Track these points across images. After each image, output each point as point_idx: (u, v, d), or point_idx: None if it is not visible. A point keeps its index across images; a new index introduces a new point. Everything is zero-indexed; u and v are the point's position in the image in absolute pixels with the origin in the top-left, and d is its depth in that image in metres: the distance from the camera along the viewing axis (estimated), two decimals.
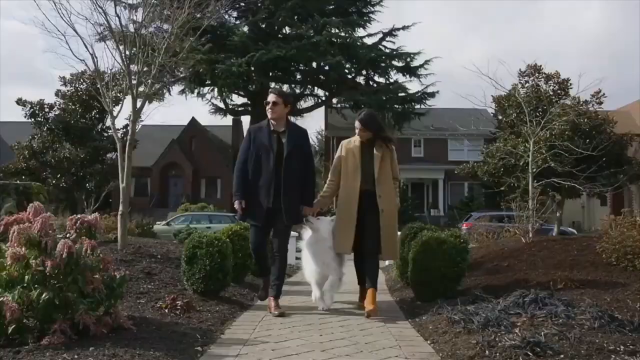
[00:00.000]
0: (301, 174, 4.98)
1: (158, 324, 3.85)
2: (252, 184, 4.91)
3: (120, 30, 7.08)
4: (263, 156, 4.90)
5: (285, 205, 4.82)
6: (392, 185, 5.03)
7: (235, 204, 4.98)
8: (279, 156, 4.89)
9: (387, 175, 4.99)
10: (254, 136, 5.02)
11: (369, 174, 4.93)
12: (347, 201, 4.94)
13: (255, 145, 4.96)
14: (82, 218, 3.69)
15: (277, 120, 4.99)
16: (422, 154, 38.25)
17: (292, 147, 4.92)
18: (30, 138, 18.21)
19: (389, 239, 4.90)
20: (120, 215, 6.58)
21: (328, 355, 3.26)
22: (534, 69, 14.99)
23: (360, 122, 5.03)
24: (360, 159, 4.97)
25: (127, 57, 6.95)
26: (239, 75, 23.84)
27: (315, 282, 5.04)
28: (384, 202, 4.89)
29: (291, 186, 4.87)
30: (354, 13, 28.04)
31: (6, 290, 3.21)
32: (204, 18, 8.68)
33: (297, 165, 4.93)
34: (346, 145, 5.12)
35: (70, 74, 18.09)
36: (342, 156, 5.08)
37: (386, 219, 4.86)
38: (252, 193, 4.90)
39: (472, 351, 3.23)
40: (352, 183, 4.94)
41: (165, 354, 3.10)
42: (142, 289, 5.01)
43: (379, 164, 4.93)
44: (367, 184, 4.92)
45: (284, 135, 4.96)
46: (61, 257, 3.27)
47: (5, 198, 6.87)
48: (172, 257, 6.50)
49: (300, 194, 4.97)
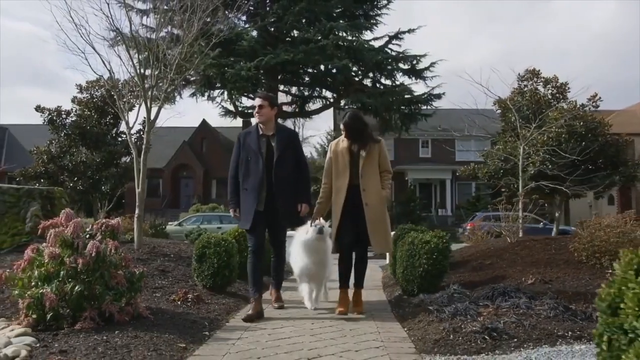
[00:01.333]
0: (294, 176, 5.02)
1: (172, 314, 4.44)
2: (243, 190, 4.98)
3: (132, 36, 7.61)
4: (252, 160, 4.94)
5: (281, 207, 4.91)
6: (378, 179, 5.09)
7: (230, 212, 5.18)
8: (269, 160, 4.94)
9: (373, 169, 5.06)
10: (243, 141, 5.07)
11: (357, 170, 5.02)
12: (338, 200, 5.03)
13: (244, 150, 5.02)
14: (106, 222, 4.30)
15: (265, 123, 5.04)
16: (429, 154, 38.70)
17: (282, 150, 4.98)
18: (49, 143, 19.00)
19: (377, 231, 4.96)
20: (137, 217, 7.17)
21: (315, 339, 3.84)
22: (533, 74, 15.45)
23: (345, 126, 5.12)
24: (349, 157, 5.06)
25: (140, 61, 7.49)
26: (247, 79, 24.36)
27: (308, 281, 5.15)
28: (368, 195, 4.97)
29: (284, 188, 4.92)
30: (361, 16, 28.46)
31: (45, 284, 3.80)
32: (215, 24, 9.22)
33: (289, 167, 4.99)
34: (335, 146, 5.20)
35: (85, 81, 18.89)
36: (332, 157, 5.16)
37: (371, 212, 4.95)
38: (242, 198, 4.98)
39: (439, 335, 3.79)
40: (341, 181, 5.04)
41: (178, 337, 3.69)
42: (158, 284, 5.60)
43: (364, 159, 5.02)
44: (355, 179, 5.02)
45: (273, 139, 5.02)
46: (90, 255, 3.87)
47: (31, 202, 7.46)
48: (184, 256, 7.07)
49: (294, 196, 5.02)
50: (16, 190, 7.43)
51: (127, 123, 7.50)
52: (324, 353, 3.43)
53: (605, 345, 1.62)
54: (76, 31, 6.99)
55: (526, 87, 15.34)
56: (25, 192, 7.40)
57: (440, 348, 3.54)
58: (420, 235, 5.73)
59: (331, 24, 25.53)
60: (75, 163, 17.93)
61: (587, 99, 15.08)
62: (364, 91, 27.12)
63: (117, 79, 8.59)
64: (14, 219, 7.08)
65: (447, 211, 37.09)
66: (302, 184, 5.14)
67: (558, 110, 14.02)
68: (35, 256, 3.96)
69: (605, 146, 14.45)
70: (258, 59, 24.21)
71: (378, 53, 26.70)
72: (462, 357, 3.35)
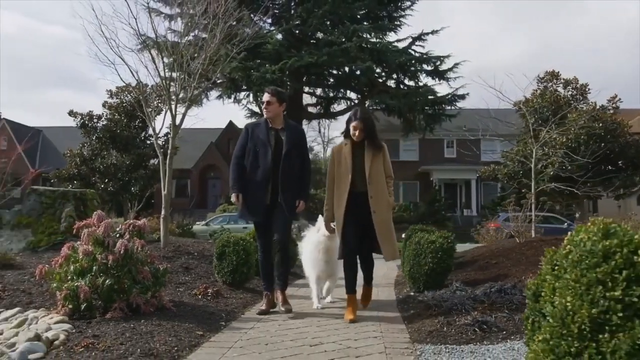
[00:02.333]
0: (298, 171, 5.05)
1: (193, 306, 4.87)
2: (249, 180, 4.97)
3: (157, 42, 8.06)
4: (260, 152, 4.94)
5: (286, 200, 4.92)
6: (385, 185, 4.97)
7: (232, 198, 5.08)
8: (278, 153, 4.94)
9: (379, 174, 4.93)
10: (251, 132, 5.06)
11: (361, 175, 4.89)
12: (339, 206, 4.91)
13: (252, 141, 5.00)
14: (133, 223, 4.75)
15: (273, 118, 5.05)
16: (454, 154, 38.68)
17: (291, 145, 4.98)
18: (81, 146, 19.85)
19: (387, 240, 4.86)
20: (163, 218, 7.65)
21: (320, 329, 4.22)
22: (552, 75, 15.57)
23: (362, 121, 4.93)
24: (351, 161, 4.92)
25: (165, 65, 7.94)
26: (272, 82, 24.83)
27: (317, 281, 5.27)
28: (375, 202, 4.84)
29: (289, 183, 4.94)
30: (385, 18, 28.69)
31: (79, 278, 4.26)
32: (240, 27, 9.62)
33: (296, 162, 5.01)
34: (337, 152, 5.09)
35: (115, 87, 19.69)
36: (335, 161, 5.04)
37: (380, 220, 4.83)
38: (249, 189, 4.97)
39: (433, 327, 4.13)
40: (344, 185, 4.90)
41: (197, 326, 4.11)
42: (181, 280, 6.05)
43: (370, 164, 4.89)
44: (359, 185, 4.89)
45: (282, 133, 5.02)
46: (119, 253, 4.32)
47: (66, 203, 7.99)
48: (207, 254, 7.51)
49: (297, 191, 5.04)
50: (52, 192, 7.98)
51: (153, 129, 8.00)
52: (326, 341, 3.81)
53: (529, 325, 1.96)
54: (106, 44, 7.49)
55: (545, 89, 15.43)
56: (60, 194, 7.94)
57: (432, 338, 3.88)
58: (426, 236, 6.07)
59: (354, 27, 25.83)
60: (106, 165, 18.75)
61: (607, 100, 15.14)
62: (387, 92, 27.35)
63: (145, 84, 9.10)
64: (50, 219, 7.62)
65: (472, 211, 37.02)
66: (304, 181, 5.14)
67: (577, 111, 14.11)
68: (71, 253, 4.43)
69: (625, 147, 14.49)
70: (282, 62, 24.65)
71: (401, 54, 26.90)
72: (451, 346, 3.68)
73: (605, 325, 1.60)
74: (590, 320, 1.62)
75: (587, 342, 1.62)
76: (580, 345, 1.63)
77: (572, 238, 1.84)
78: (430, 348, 3.64)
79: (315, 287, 5.30)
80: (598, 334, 1.61)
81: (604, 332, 1.60)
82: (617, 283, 1.61)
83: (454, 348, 3.62)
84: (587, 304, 1.63)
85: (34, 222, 7.58)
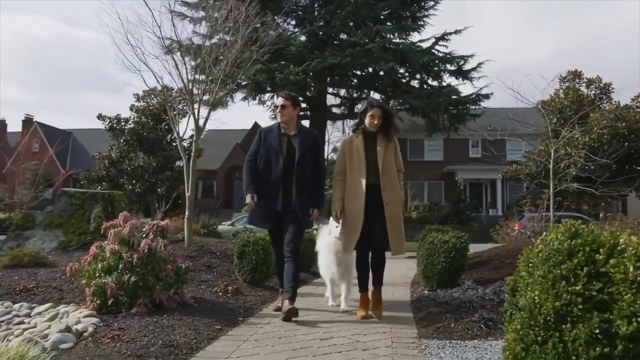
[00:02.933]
0: (311, 177, 4.98)
1: (213, 303, 5.12)
2: (260, 187, 4.93)
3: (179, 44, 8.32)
4: (272, 158, 4.92)
5: (299, 207, 4.87)
6: (397, 178, 4.93)
7: (247, 199, 4.99)
8: (290, 159, 4.90)
9: (391, 167, 4.90)
10: (264, 138, 5.04)
11: (374, 168, 4.83)
12: (354, 198, 4.81)
13: (265, 147, 4.98)
14: (157, 223, 5.02)
15: (287, 123, 5.00)
16: (479, 154, 38.46)
17: (303, 151, 4.93)
18: (109, 148, 20.45)
19: (395, 233, 4.78)
20: (186, 219, 7.94)
21: (332, 325, 4.43)
22: (575, 75, 15.50)
23: (380, 108, 4.93)
24: (364, 153, 4.87)
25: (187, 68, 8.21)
26: (296, 83, 25.08)
27: (332, 278, 5.31)
28: (388, 195, 4.79)
29: (302, 189, 4.89)
30: (408, 18, 28.72)
31: (107, 275, 4.55)
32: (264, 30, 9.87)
33: (308, 168, 4.94)
34: (348, 143, 5.02)
35: (142, 90, 20.23)
36: (346, 153, 4.96)
37: (391, 213, 4.78)
38: (261, 196, 4.92)
39: (441, 324, 4.31)
40: (358, 179, 4.82)
41: (215, 320, 4.36)
42: (203, 278, 6.31)
43: (383, 157, 4.86)
44: (372, 178, 4.82)
45: (295, 139, 4.97)
46: (143, 251, 4.59)
47: (95, 204, 8.35)
48: (229, 254, 7.75)
49: (310, 197, 4.97)
50: (81, 194, 8.34)
51: (177, 133, 8.30)
52: (336, 335, 4.02)
53: (507, 317, 2.14)
54: (132, 51, 7.81)
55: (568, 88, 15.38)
56: (89, 196, 8.30)
57: (439, 334, 4.06)
58: (439, 236, 6.22)
59: (377, 27, 25.91)
60: (134, 167, 19.28)
61: (631, 99, 15.02)
62: (411, 92, 27.35)
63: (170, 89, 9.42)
64: (80, 219, 7.98)
65: (497, 211, 36.79)
66: (317, 188, 5.06)
67: (600, 111, 14.05)
68: (98, 252, 4.72)
69: None
70: (306, 64, 24.87)
71: (425, 54, 26.87)
72: (456, 341, 3.86)
73: (567, 317, 1.77)
74: (555, 312, 1.79)
75: (552, 331, 1.79)
76: (546, 335, 1.81)
77: (545, 238, 2.02)
78: (435, 343, 3.82)
79: (330, 286, 5.41)
80: (561, 325, 1.78)
81: (566, 322, 1.77)
82: (579, 278, 1.78)
83: (457, 343, 3.80)
84: (552, 298, 1.81)
85: (65, 222, 7.95)
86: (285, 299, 4.70)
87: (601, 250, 1.81)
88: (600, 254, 1.81)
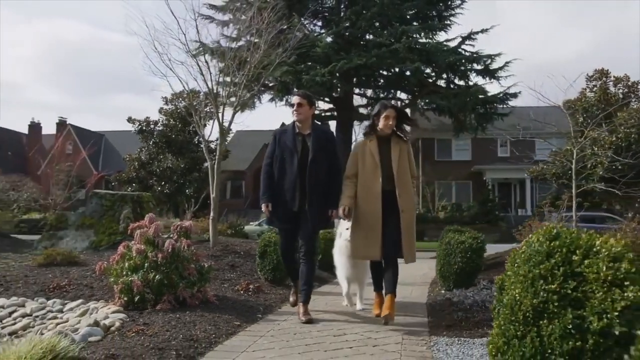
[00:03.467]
0: (327, 178, 4.91)
1: (234, 300, 5.34)
2: (277, 187, 4.93)
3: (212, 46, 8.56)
4: (287, 159, 4.90)
5: (311, 207, 4.81)
6: (411, 184, 4.85)
7: (262, 207, 5.01)
8: (304, 158, 4.86)
9: (406, 173, 4.81)
10: (279, 139, 5.01)
11: (388, 173, 4.74)
12: (369, 204, 4.72)
13: (280, 148, 4.96)
14: (181, 224, 5.27)
15: (302, 122, 4.96)
16: (508, 153, 38.08)
17: (317, 150, 4.88)
18: (139, 151, 21.01)
19: (409, 240, 4.69)
20: (211, 219, 8.19)
21: (347, 322, 4.62)
22: (602, 73, 15.35)
23: (394, 109, 4.94)
24: (379, 158, 4.78)
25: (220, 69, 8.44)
26: (322, 84, 25.24)
27: (347, 279, 5.27)
28: (403, 201, 4.68)
29: (317, 188, 4.83)
30: (435, 17, 28.64)
31: (133, 273, 4.80)
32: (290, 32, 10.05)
33: (323, 168, 4.88)
34: (361, 146, 4.94)
35: (170, 94, 20.72)
36: (359, 156, 4.87)
37: (407, 220, 4.67)
38: (277, 196, 4.92)
39: (452, 322, 4.45)
40: (372, 184, 4.73)
41: (235, 317, 4.58)
42: (227, 277, 6.54)
43: (397, 162, 4.77)
44: (386, 183, 4.72)
45: (309, 138, 4.93)
46: (168, 251, 4.83)
47: (124, 206, 8.68)
48: (253, 253, 7.93)
49: (325, 199, 4.87)
50: (111, 196, 8.68)
51: (202, 136, 8.57)
52: (349, 332, 4.20)
53: (495, 314, 2.28)
54: (159, 58, 8.10)
55: (595, 87, 15.22)
56: (119, 197, 8.64)
57: (449, 332, 4.20)
58: (456, 236, 6.34)
59: (403, 27, 25.88)
60: (163, 169, 19.76)
61: None
62: (438, 92, 27.28)
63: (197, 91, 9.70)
64: (110, 220, 8.31)
65: (527, 211, 36.40)
66: (334, 188, 4.90)
67: (627, 110, 13.89)
68: (126, 251, 4.98)
69: None
70: (332, 65, 25.01)
71: (451, 54, 26.72)
72: (464, 339, 3.99)
73: (544, 313, 1.91)
74: (533, 309, 1.93)
75: (530, 327, 1.93)
76: (525, 330, 1.95)
77: (528, 240, 2.16)
78: (444, 340, 3.96)
79: (345, 287, 5.34)
80: (539, 320, 1.92)
81: (543, 318, 1.91)
82: (555, 277, 1.92)
83: (466, 340, 3.93)
84: (531, 295, 1.95)
85: (96, 223, 8.30)
86: (300, 302, 4.78)
87: (578, 252, 1.95)
88: (576, 255, 1.94)
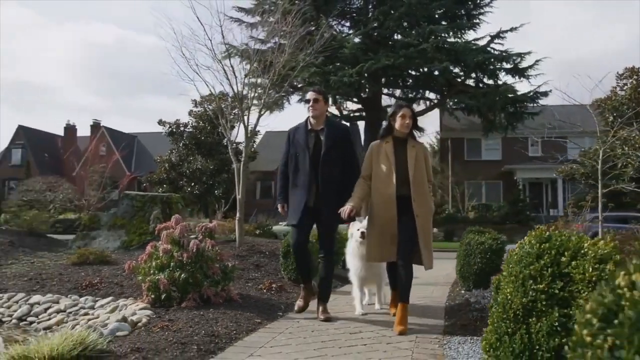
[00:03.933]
0: (341, 174, 4.86)
1: (257, 299, 5.53)
2: (292, 185, 4.97)
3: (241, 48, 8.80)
4: (300, 155, 4.89)
5: (326, 206, 4.77)
6: (427, 188, 4.75)
7: (278, 208, 5.09)
8: (317, 154, 4.82)
9: (422, 177, 4.68)
10: (292, 137, 5.03)
11: (403, 177, 4.60)
12: (384, 207, 4.59)
13: (293, 146, 4.98)
14: (205, 225, 5.48)
15: (317, 118, 4.93)
16: (539, 152, 37.55)
17: (330, 145, 4.83)
18: (169, 152, 21.48)
19: (426, 246, 4.54)
20: (237, 220, 8.42)
21: (364, 321, 4.75)
22: (632, 72, 15.11)
23: (410, 108, 4.82)
24: (394, 161, 4.65)
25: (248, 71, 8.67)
26: (350, 85, 25.35)
27: (359, 282, 5.15)
28: (419, 206, 4.53)
29: (330, 185, 4.79)
30: (463, 16, 28.48)
31: (160, 272, 5.02)
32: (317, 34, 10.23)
33: (337, 163, 4.84)
34: (377, 147, 4.79)
35: (200, 96, 21.15)
36: (373, 158, 4.75)
37: (422, 225, 4.52)
38: (292, 194, 4.96)
39: (467, 322, 4.55)
40: (387, 188, 4.60)
41: (257, 315, 4.76)
42: (251, 276, 6.74)
43: (414, 165, 4.63)
44: (401, 187, 4.57)
45: (322, 133, 4.89)
46: (192, 251, 5.04)
47: (154, 206, 8.98)
48: (278, 253, 8.11)
49: (338, 195, 4.76)
50: (142, 197, 8.99)
51: (228, 139, 8.82)
52: (365, 330, 4.34)
53: (491, 312, 2.39)
54: (187, 64, 8.37)
55: (625, 86, 15.01)
56: (149, 198, 8.94)
57: (463, 331, 4.31)
58: (476, 237, 6.41)
59: (431, 27, 25.85)
60: (192, 170, 20.20)
61: None
62: (467, 92, 27.14)
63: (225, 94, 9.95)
64: (141, 220, 8.61)
65: (558, 211, 35.82)
66: (350, 187, 4.73)
67: None
68: (153, 251, 5.21)
69: None
70: (360, 65, 25.11)
71: (479, 53, 26.56)
72: (477, 338, 4.08)
73: (533, 311, 2.02)
74: (522, 307, 2.05)
75: (520, 324, 2.05)
76: (515, 327, 2.06)
77: (522, 242, 2.27)
78: (457, 339, 4.07)
79: (358, 294, 5.15)
80: (528, 318, 2.04)
81: (532, 316, 2.02)
82: (544, 278, 2.03)
83: (478, 339, 4.02)
84: (521, 294, 2.06)
85: (127, 223, 8.61)
86: (319, 301, 4.90)
87: (566, 253, 2.06)
88: (564, 257, 2.05)
